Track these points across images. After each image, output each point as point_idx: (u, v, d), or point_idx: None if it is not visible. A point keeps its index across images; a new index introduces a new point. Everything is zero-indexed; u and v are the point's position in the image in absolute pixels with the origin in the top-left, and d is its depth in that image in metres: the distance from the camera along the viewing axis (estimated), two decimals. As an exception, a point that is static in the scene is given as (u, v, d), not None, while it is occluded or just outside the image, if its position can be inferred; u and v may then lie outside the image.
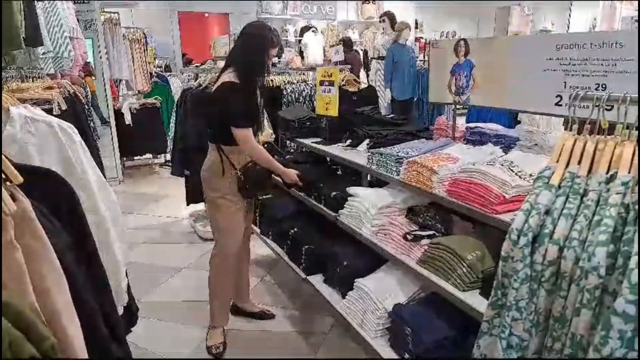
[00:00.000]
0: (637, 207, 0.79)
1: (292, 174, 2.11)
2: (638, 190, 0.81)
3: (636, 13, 6.44)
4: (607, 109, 0.97)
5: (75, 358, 0.77)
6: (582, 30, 7.68)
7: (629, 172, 0.85)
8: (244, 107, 1.91)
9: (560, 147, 0.97)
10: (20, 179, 0.74)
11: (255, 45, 1.92)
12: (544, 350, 0.88)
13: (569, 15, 8.70)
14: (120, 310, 1.35)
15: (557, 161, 0.96)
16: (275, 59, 3.53)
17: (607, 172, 0.88)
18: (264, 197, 2.77)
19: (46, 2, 2.63)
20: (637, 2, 6.67)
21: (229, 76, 1.91)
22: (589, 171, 0.92)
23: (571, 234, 0.84)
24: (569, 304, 0.83)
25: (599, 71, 1.48)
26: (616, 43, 1.42)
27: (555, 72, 1.60)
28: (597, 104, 0.97)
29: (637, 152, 0.86)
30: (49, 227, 0.82)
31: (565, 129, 1.02)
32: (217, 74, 2.14)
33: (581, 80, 1.52)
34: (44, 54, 2.49)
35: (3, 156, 0.73)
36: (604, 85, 1.47)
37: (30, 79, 2.16)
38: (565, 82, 1.58)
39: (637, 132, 0.89)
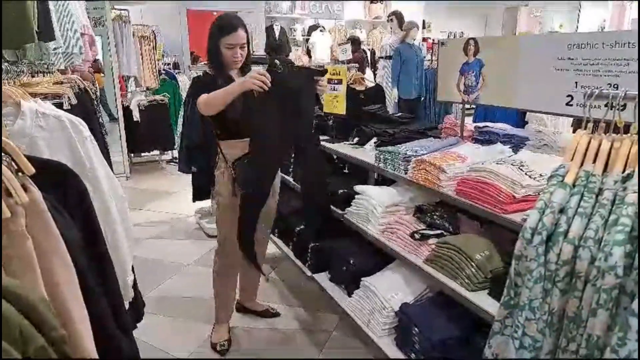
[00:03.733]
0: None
1: (250, 78, 1.69)
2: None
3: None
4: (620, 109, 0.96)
5: (84, 353, 0.77)
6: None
7: (646, 171, 0.83)
8: (202, 91, 1.82)
9: (574, 145, 0.96)
10: (32, 170, 0.74)
11: (209, 36, 1.89)
12: (558, 350, 0.87)
13: (578, 16, 8.61)
14: (126, 306, 1.36)
15: (572, 160, 0.95)
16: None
17: (623, 171, 0.86)
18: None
19: (58, -2, 2.65)
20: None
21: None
22: (604, 170, 0.90)
23: (586, 233, 0.83)
24: (584, 304, 0.81)
25: (611, 71, 1.45)
26: (628, 43, 1.39)
27: (567, 72, 1.57)
28: (611, 103, 0.95)
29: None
30: (59, 220, 0.81)
31: (574, 131, 1.01)
32: None
33: (593, 80, 1.49)
34: (54, 49, 2.50)
35: (16, 147, 0.73)
36: (616, 85, 1.45)
37: (41, 74, 2.17)
38: (576, 82, 1.55)
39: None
